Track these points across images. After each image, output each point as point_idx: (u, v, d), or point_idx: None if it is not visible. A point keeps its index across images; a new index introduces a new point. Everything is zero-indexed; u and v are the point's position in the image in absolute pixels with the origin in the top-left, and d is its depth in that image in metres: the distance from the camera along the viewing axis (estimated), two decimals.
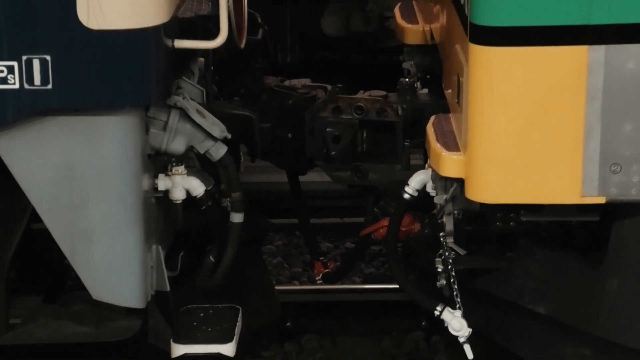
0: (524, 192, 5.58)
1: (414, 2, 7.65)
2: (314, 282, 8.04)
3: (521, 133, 5.49)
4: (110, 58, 5.35)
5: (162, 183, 5.86)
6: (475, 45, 5.42)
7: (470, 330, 6.05)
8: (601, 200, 5.47)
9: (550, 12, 5.33)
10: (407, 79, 7.03)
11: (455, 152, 5.68)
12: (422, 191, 6.18)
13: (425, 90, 6.91)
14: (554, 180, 5.53)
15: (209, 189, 6.00)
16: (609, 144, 5.42)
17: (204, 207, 6.05)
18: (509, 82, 5.45)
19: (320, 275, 7.77)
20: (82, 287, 5.70)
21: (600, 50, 5.31)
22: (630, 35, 5.31)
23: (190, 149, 5.93)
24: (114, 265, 5.61)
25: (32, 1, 5.25)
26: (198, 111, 5.95)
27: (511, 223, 6.10)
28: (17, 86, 5.25)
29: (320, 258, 7.93)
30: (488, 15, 5.38)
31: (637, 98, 5.38)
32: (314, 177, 7.53)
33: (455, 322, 6.04)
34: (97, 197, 5.54)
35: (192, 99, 6.07)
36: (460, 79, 5.71)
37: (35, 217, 5.69)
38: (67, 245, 5.59)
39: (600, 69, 5.32)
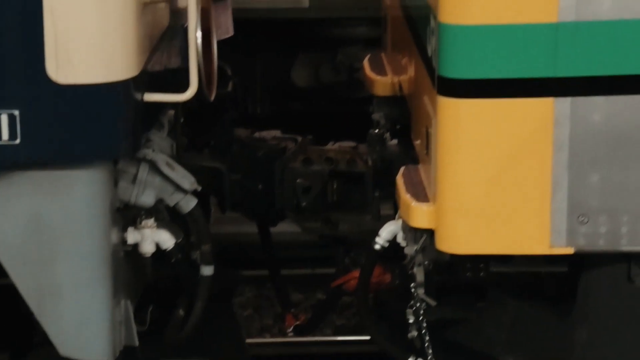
0: (493, 243, 5.58)
1: (382, 54, 7.75)
2: (285, 335, 8.08)
3: (489, 184, 5.49)
4: (79, 112, 5.32)
5: (131, 236, 5.82)
6: (443, 97, 5.45)
7: None
8: (569, 250, 5.48)
9: (516, 65, 5.37)
10: (376, 130, 7.12)
11: (424, 203, 5.69)
12: (393, 242, 6.18)
13: (395, 141, 6.96)
14: (523, 231, 5.53)
15: (178, 241, 5.97)
16: (576, 195, 5.44)
17: (173, 260, 6.02)
18: (477, 134, 5.47)
19: (292, 327, 7.78)
20: (50, 343, 5.64)
21: (566, 103, 5.35)
22: (595, 87, 5.35)
23: (160, 201, 5.91)
24: (82, 321, 5.54)
25: (7, 58, 5.24)
26: (167, 164, 5.93)
27: (481, 273, 6.05)
28: None
29: (291, 310, 7.97)
30: (455, 68, 5.42)
31: (603, 150, 5.40)
32: (285, 228, 7.54)
33: None
34: (65, 252, 5.48)
35: (161, 151, 6.07)
36: (429, 130, 5.73)
37: (1, 271, 5.64)
38: (35, 301, 5.53)
39: (566, 121, 5.35)
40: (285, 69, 9.53)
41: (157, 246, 5.89)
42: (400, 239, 6.07)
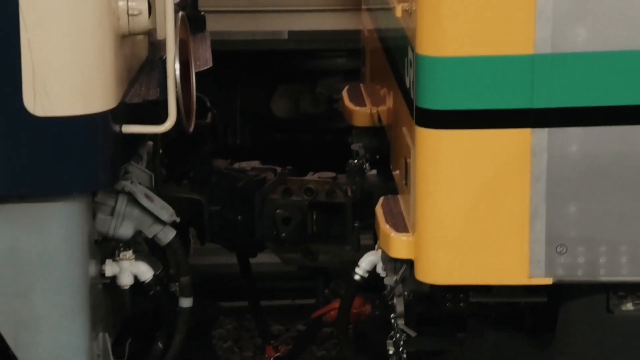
0: (472, 274, 5.60)
1: (361, 85, 7.78)
2: None
3: (468, 214, 5.51)
4: (57, 144, 5.32)
5: (110, 269, 5.80)
6: (421, 128, 5.47)
7: None
8: (548, 281, 5.50)
9: (493, 96, 5.39)
10: (355, 161, 7.13)
11: (404, 234, 5.71)
12: (373, 272, 6.20)
13: (374, 172, 6.98)
14: (502, 261, 5.54)
15: (157, 273, 5.96)
16: (554, 225, 5.46)
17: (152, 292, 6.00)
18: (455, 164, 5.48)
19: (272, 359, 7.77)
20: None
21: (543, 134, 5.37)
22: (572, 118, 5.38)
23: (139, 233, 5.91)
24: (59, 354, 5.53)
25: None
26: (146, 195, 5.94)
27: (461, 304, 6.02)
28: None
29: (272, 341, 7.94)
30: (433, 99, 5.44)
31: (580, 180, 5.42)
32: (265, 259, 7.55)
33: None
34: (42, 284, 5.46)
35: (140, 183, 6.06)
36: (408, 160, 5.74)
37: None
38: (12, 334, 5.51)
39: (543, 152, 5.37)
40: (264, 100, 9.53)
41: (136, 278, 5.88)
42: (380, 270, 6.08)
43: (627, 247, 5.49)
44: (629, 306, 5.67)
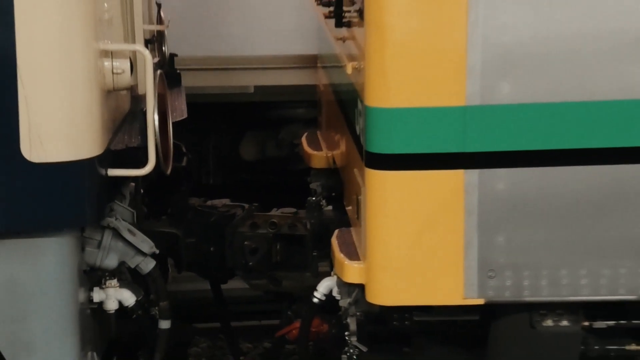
0: (415, 295, 5.60)
1: (318, 132, 7.79)
2: None
3: (412, 244, 5.52)
4: (50, 186, 5.28)
5: (97, 295, 5.78)
6: (370, 170, 5.49)
7: None
8: (480, 301, 5.53)
9: (431, 142, 5.40)
10: (314, 198, 7.11)
11: (356, 261, 5.71)
12: (329, 296, 6.16)
13: (330, 207, 6.97)
14: (440, 284, 5.56)
15: (139, 299, 5.92)
16: (485, 253, 5.49)
17: (134, 315, 5.96)
18: (400, 201, 5.49)
19: None
20: None
21: (474, 174, 5.41)
22: (499, 161, 5.41)
23: (122, 263, 5.87)
24: None
25: None
26: (129, 230, 5.91)
27: (406, 322, 5.98)
28: None
29: (241, 358, 7.94)
30: (380, 144, 5.45)
31: (507, 214, 5.45)
32: (235, 285, 7.49)
33: None
34: (37, 310, 5.42)
35: (123, 219, 6.01)
36: (359, 197, 5.75)
37: None
38: (10, 354, 5.46)
39: (475, 190, 5.41)
40: (234, 145, 9.45)
41: (120, 303, 5.84)
42: (335, 293, 6.07)
43: (547, 272, 5.52)
44: (549, 322, 5.68)
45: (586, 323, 5.72)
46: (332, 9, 6.20)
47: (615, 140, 5.43)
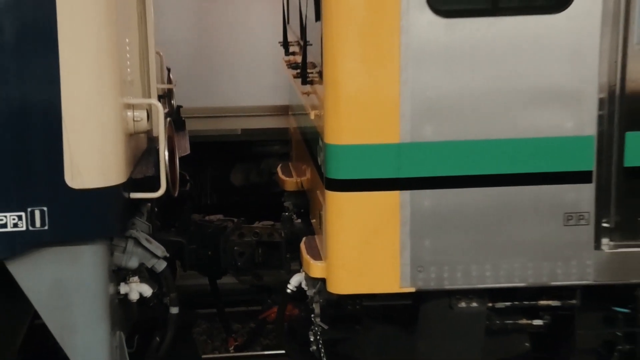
0: (363, 286, 5.62)
1: (289, 163, 7.73)
2: (228, 352, 7.93)
3: (360, 247, 5.55)
4: (87, 206, 5.27)
5: (123, 289, 5.77)
6: (329, 191, 5.52)
7: None
8: (412, 289, 5.57)
9: (374, 169, 5.43)
10: (287, 213, 7.09)
11: (319, 261, 5.74)
12: (299, 287, 6.18)
13: (299, 221, 6.92)
14: (383, 277, 5.58)
15: (154, 291, 5.90)
16: (416, 254, 5.53)
17: (151, 304, 5.97)
18: (351, 215, 5.52)
19: (233, 346, 7.78)
20: None
21: (407, 194, 5.45)
22: (425, 184, 5.46)
23: (141, 264, 5.87)
24: (90, 347, 5.47)
25: (33, 170, 5.18)
26: (146, 239, 5.91)
27: (357, 307, 6.01)
28: (24, 228, 5.16)
29: (232, 335, 7.92)
30: (336, 172, 5.47)
31: (432, 224, 5.49)
32: (227, 280, 7.40)
33: None
34: (77, 301, 5.40)
35: (142, 231, 6.01)
36: (321, 212, 5.77)
37: (36, 315, 5.57)
38: (58, 334, 5.45)
39: (407, 206, 5.46)
40: (225, 174, 9.32)
41: (140, 295, 5.84)
42: (304, 285, 6.10)
43: (461, 266, 5.57)
44: (463, 304, 5.72)
45: (490, 304, 5.76)
46: (299, 71, 6.22)
47: (507, 168, 5.48)
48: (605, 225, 5.57)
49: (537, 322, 5.87)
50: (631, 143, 5.49)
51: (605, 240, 5.59)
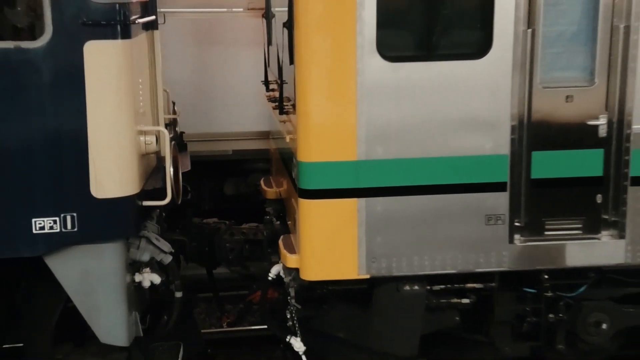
0: (329, 274, 5.61)
1: (270, 177, 7.66)
2: (222, 327, 7.85)
3: (326, 243, 5.53)
4: (108, 212, 5.21)
5: (137, 278, 5.71)
6: (301, 199, 5.51)
7: (305, 347, 6.05)
8: (367, 276, 5.58)
9: (337, 181, 5.42)
10: (268, 217, 7.02)
11: (294, 254, 5.72)
12: (278, 275, 6.16)
13: (278, 222, 6.86)
14: (344, 266, 5.57)
15: (162, 280, 5.84)
16: (370, 248, 5.53)
17: (160, 290, 5.91)
18: (319, 218, 5.50)
19: (226, 323, 7.74)
20: (95, 337, 5.51)
21: (363, 201, 5.45)
22: (377, 193, 5.45)
23: (152, 258, 5.81)
24: (112, 324, 5.42)
25: (65, 184, 5.13)
26: (156, 238, 5.88)
27: (324, 290, 5.99)
28: (58, 230, 5.13)
29: (225, 314, 7.86)
30: (307, 184, 5.47)
31: (382, 225, 5.48)
32: (221, 270, 7.31)
33: (296, 343, 6.07)
34: (102, 288, 5.35)
35: (152, 231, 5.96)
36: (295, 216, 5.74)
37: (68, 299, 5.52)
38: (87, 315, 5.41)
39: (363, 210, 5.46)
40: (220, 185, 9.17)
41: (151, 282, 5.78)
42: (282, 274, 6.08)
43: (405, 258, 5.56)
44: (407, 287, 5.72)
45: (428, 287, 5.77)
46: (277, 104, 6.19)
47: (441, 179, 5.48)
48: (517, 224, 5.60)
49: (465, 300, 5.87)
50: (536, 160, 5.53)
51: (517, 236, 5.62)
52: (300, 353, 6.05)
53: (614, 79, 5.47)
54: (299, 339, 6.04)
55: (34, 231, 5.08)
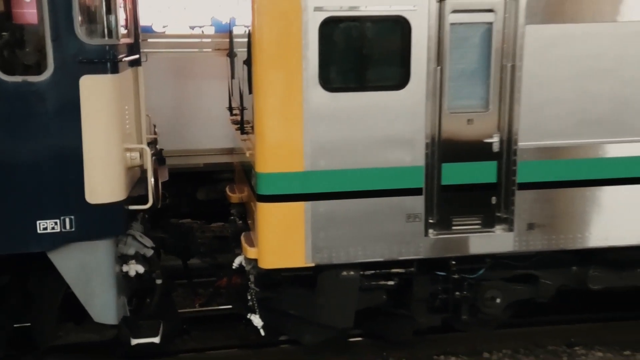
0: (282, 262, 5.57)
1: (234, 184, 7.55)
2: (195, 307, 7.68)
3: (279, 238, 5.49)
4: (101, 215, 5.19)
5: (125, 268, 5.66)
6: (259, 203, 5.48)
7: (262, 322, 5.98)
8: (312, 264, 5.57)
9: (288, 188, 5.39)
10: (233, 217, 6.94)
11: (253, 247, 5.67)
12: (241, 265, 6.08)
13: (241, 222, 6.77)
14: (294, 257, 5.55)
15: (146, 269, 5.79)
16: (315, 241, 5.52)
17: (143, 278, 5.83)
18: (273, 217, 5.43)
19: (198, 303, 7.58)
20: (90, 317, 5.46)
21: (309, 204, 5.45)
22: (319, 197, 5.45)
23: (137, 252, 5.75)
24: (104, 306, 5.40)
25: (64, 192, 5.09)
26: (140, 235, 5.82)
27: (279, 276, 5.89)
28: (59, 230, 5.10)
29: (198, 296, 7.72)
30: (263, 190, 5.43)
31: (324, 223, 5.47)
32: (194, 261, 7.21)
33: (256, 320, 6.03)
34: (96, 276, 5.33)
35: (137, 230, 5.90)
36: (254, 216, 5.70)
37: (68, 287, 5.44)
38: (83, 299, 5.37)
39: (309, 211, 5.45)
40: (193, 192, 8.94)
41: (136, 272, 5.74)
42: (243, 263, 6.04)
43: (343, 249, 5.55)
44: (344, 273, 5.72)
45: (361, 272, 5.77)
46: (239, 125, 6.15)
47: (372, 186, 5.49)
48: (430, 221, 5.64)
49: (390, 282, 5.86)
50: (445, 170, 5.59)
51: (431, 231, 5.66)
52: (259, 327, 6.04)
53: (503, 106, 5.56)
54: (257, 316, 6.01)
55: (39, 231, 5.05)
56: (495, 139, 5.58)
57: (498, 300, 6.03)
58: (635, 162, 5.68)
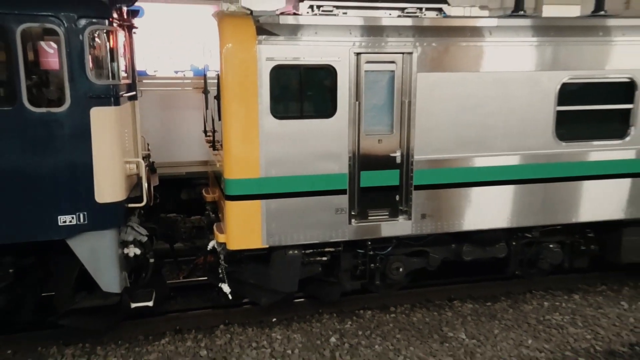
0: (244, 244, 5.51)
1: (209, 187, 7.38)
2: (179, 279, 7.55)
3: (242, 227, 5.48)
4: (107, 212, 5.18)
5: (125, 250, 5.61)
6: (227, 201, 5.47)
7: (230, 290, 5.92)
8: (267, 246, 5.52)
9: (249, 189, 5.43)
10: (207, 212, 6.74)
11: (223, 234, 5.57)
12: (214, 247, 5.99)
13: (214, 215, 6.44)
14: (253, 240, 5.54)
15: (141, 252, 5.75)
16: (269, 229, 5.50)
17: (140, 258, 5.79)
18: (237, 212, 5.46)
19: (182, 276, 7.45)
20: (99, 287, 5.39)
21: (264, 202, 5.47)
22: (272, 197, 5.48)
23: (134, 239, 5.71)
24: (110, 279, 5.37)
25: (79, 194, 5.03)
26: (137, 226, 5.78)
27: (242, 255, 5.80)
28: (75, 223, 5.08)
29: (182, 271, 7.59)
30: (229, 191, 5.44)
31: (275, 216, 5.43)
32: (178, 245, 6.95)
33: (225, 288, 6.00)
34: (103, 257, 5.31)
35: (134, 222, 5.85)
36: (224, 211, 5.63)
37: (82, 265, 5.36)
38: (94, 274, 5.33)
39: (264, 207, 5.40)
40: (178, 193, 8.70)
41: (134, 254, 5.69)
42: (216, 246, 5.97)
43: (289, 233, 5.57)
44: (290, 252, 5.71)
45: (303, 251, 5.79)
46: (212, 144, 6.13)
47: (310, 188, 5.54)
48: (353, 213, 5.72)
49: (324, 258, 5.92)
50: (363, 176, 5.72)
51: (353, 220, 5.74)
52: (228, 293, 6.04)
53: (403, 130, 5.73)
54: (226, 285, 6.01)
55: (60, 224, 5.07)
56: (398, 154, 5.74)
57: (401, 270, 6.21)
58: (494, 170, 5.99)
